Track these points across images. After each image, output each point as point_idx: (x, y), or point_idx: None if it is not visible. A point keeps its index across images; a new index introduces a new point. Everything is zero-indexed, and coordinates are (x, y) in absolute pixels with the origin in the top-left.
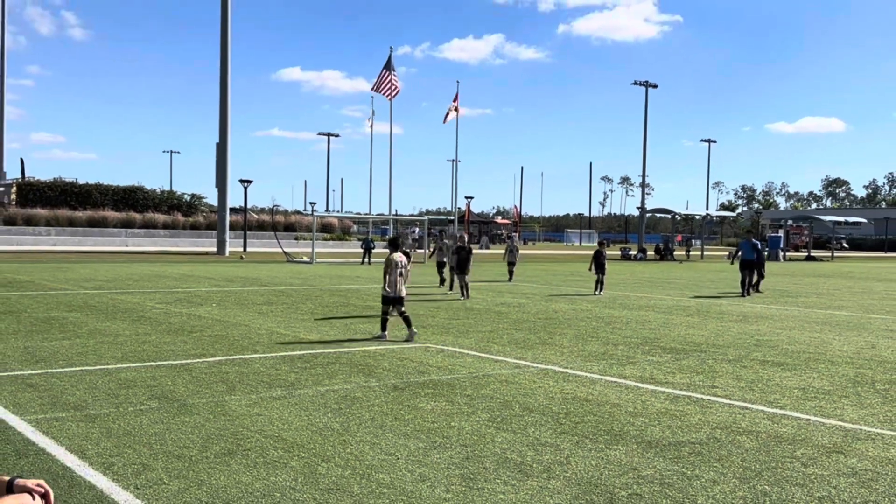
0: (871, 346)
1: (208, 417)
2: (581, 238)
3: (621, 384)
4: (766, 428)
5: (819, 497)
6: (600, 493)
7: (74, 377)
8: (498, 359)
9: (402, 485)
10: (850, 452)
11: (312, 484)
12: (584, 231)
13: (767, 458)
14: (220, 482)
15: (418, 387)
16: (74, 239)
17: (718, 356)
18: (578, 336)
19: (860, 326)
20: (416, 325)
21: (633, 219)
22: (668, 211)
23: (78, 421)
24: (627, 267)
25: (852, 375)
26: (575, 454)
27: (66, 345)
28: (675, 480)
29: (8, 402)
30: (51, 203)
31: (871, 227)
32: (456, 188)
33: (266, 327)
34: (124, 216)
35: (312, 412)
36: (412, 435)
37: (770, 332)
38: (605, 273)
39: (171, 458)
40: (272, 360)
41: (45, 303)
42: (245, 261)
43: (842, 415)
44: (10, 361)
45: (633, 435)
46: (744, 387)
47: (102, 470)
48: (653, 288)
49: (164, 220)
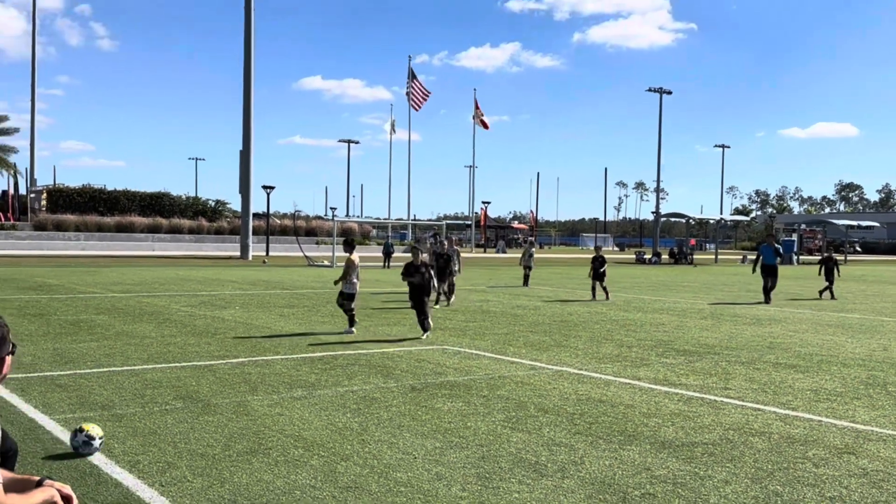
0: (884, 349)
1: (231, 417)
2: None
3: (635, 386)
4: (778, 429)
5: (830, 497)
6: (614, 493)
7: (102, 378)
8: (513, 360)
9: (419, 483)
10: (861, 453)
11: (332, 482)
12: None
13: (779, 458)
14: (242, 480)
15: (435, 388)
16: (102, 244)
17: (731, 358)
18: (593, 338)
19: (872, 329)
20: (435, 328)
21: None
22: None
23: (105, 420)
24: (642, 270)
25: (864, 377)
26: (589, 454)
27: (94, 346)
28: (688, 480)
29: (38, 402)
30: (80, 209)
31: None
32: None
33: (287, 329)
34: (151, 221)
35: (332, 412)
36: (429, 435)
37: (783, 334)
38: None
39: (195, 457)
40: (293, 362)
41: (74, 306)
42: (267, 265)
43: (853, 416)
44: (41, 363)
45: (646, 435)
46: (756, 388)
47: (128, 468)
48: (667, 291)
49: (189, 226)
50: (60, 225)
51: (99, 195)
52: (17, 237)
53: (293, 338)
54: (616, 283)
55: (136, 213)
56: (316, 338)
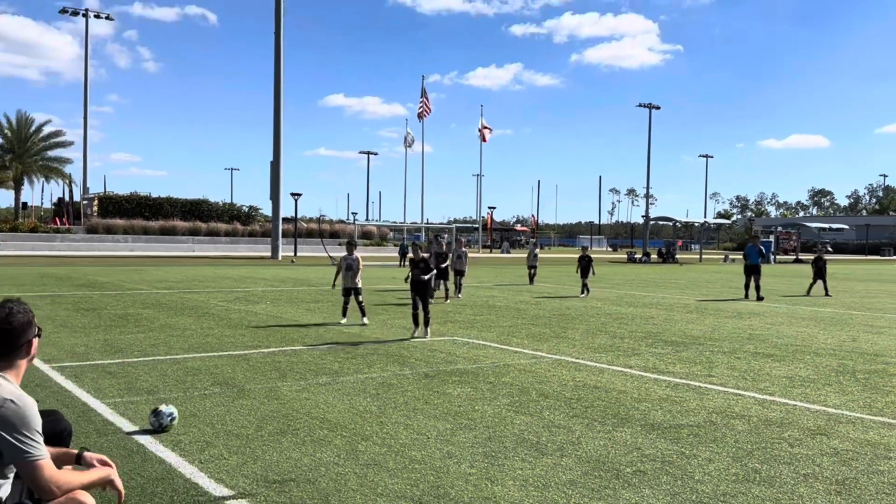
0: (853, 340)
1: (263, 401)
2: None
3: (627, 373)
4: (756, 412)
5: (804, 474)
6: (607, 470)
7: (147, 366)
8: (517, 350)
9: (431, 461)
10: (832, 434)
11: (353, 459)
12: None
13: (758, 439)
14: (273, 458)
15: (446, 375)
16: (148, 245)
17: (714, 348)
18: (589, 331)
19: (842, 322)
20: (446, 321)
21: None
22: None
23: (150, 404)
24: (633, 269)
25: (835, 366)
26: (585, 435)
27: (140, 338)
28: (675, 459)
29: (90, 388)
30: (127, 214)
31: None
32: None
33: (313, 322)
34: (191, 225)
35: (353, 397)
36: (441, 417)
37: (761, 327)
38: (588, 276)
39: (231, 437)
40: (319, 351)
41: (123, 301)
42: (295, 264)
43: (825, 401)
44: (92, 352)
45: (637, 418)
46: (737, 376)
47: (171, 447)
48: (656, 288)
49: (225, 229)
50: (110, 228)
51: (145, 202)
52: (71, 240)
53: (318, 330)
54: (609, 280)
55: (178, 218)
56: (339, 330)
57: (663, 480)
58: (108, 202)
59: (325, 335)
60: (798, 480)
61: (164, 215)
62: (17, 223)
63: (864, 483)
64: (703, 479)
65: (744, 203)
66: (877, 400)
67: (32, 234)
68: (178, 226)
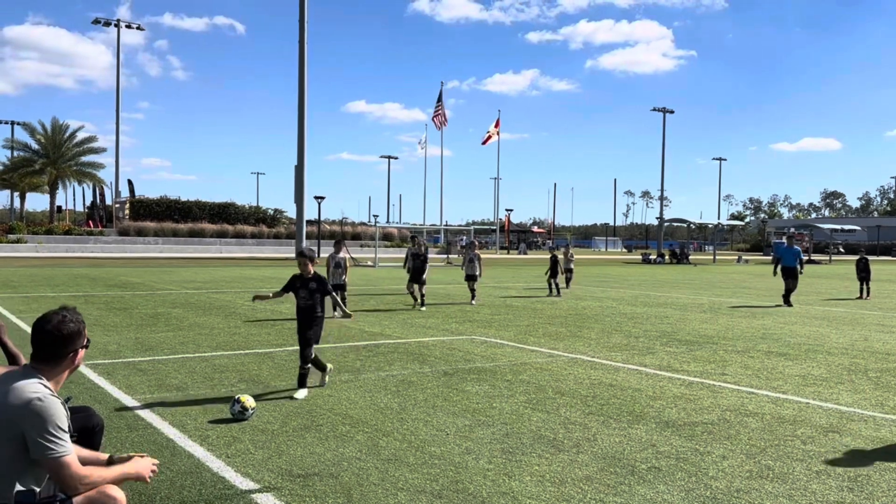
0: (865, 339)
1: (287, 397)
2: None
3: (642, 372)
4: (770, 410)
5: (817, 471)
6: (623, 466)
7: (177, 363)
8: (534, 349)
9: (450, 456)
10: (844, 432)
11: (374, 455)
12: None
13: (771, 436)
14: (297, 452)
15: (465, 373)
16: (177, 247)
17: (728, 347)
18: (604, 330)
19: (854, 321)
20: (465, 321)
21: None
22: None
23: (179, 400)
24: (648, 269)
25: (847, 364)
26: (601, 432)
27: (169, 336)
28: (689, 455)
29: (122, 384)
30: (158, 217)
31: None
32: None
33: (335, 321)
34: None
35: (374, 394)
36: (459, 414)
37: (774, 326)
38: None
39: (256, 432)
40: (341, 350)
41: (153, 301)
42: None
43: (837, 399)
44: (124, 350)
45: (652, 416)
46: (750, 374)
47: (199, 441)
48: (670, 288)
49: (251, 231)
50: (141, 231)
51: (174, 205)
52: (104, 242)
53: (340, 329)
54: (624, 281)
55: (206, 221)
56: (360, 329)
57: (678, 477)
58: (139, 205)
59: (347, 334)
60: (811, 477)
61: (192, 218)
62: (52, 226)
63: (877, 480)
64: (717, 476)
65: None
66: (888, 398)
67: (67, 236)
68: (207, 228)
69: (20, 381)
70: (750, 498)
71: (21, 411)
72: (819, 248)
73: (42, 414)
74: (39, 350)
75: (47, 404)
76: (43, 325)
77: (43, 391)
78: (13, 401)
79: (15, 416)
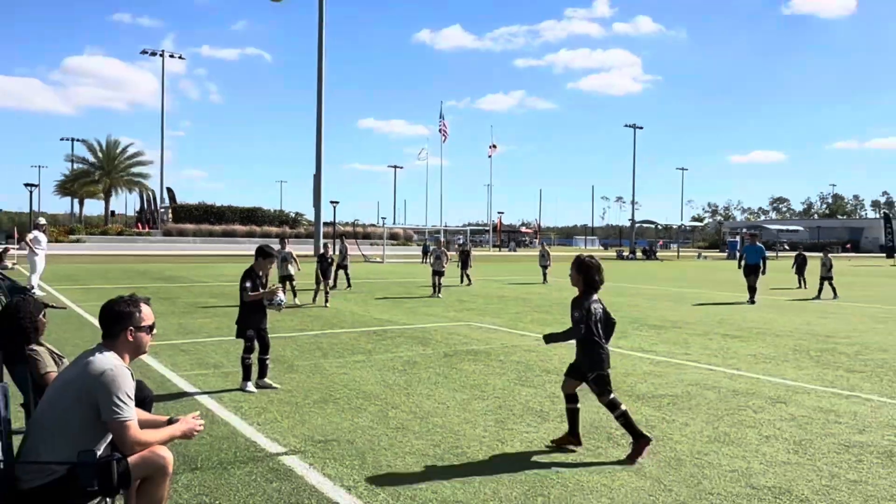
0: (807, 324)
1: (309, 375)
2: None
3: (616, 352)
4: (726, 384)
5: (766, 436)
6: (600, 432)
7: (214, 345)
8: (523, 334)
9: (451, 426)
10: (790, 402)
11: (384, 424)
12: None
13: (727, 406)
14: (317, 421)
15: (463, 354)
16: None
17: (690, 331)
18: None
19: (798, 309)
20: (462, 309)
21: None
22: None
23: (217, 376)
24: (621, 265)
25: (792, 345)
26: (582, 404)
27: (207, 322)
28: (658, 423)
29: (167, 363)
30: (196, 220)
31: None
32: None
33: (350, 310)
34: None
35: (384, 372)
36: (458, 389)
37: (729, 313)
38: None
39: (283, 404)
40: (355, 334)
41: (193, 291)
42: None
43: (784, 374)
44: (169, 334)
45: (625, 390)
46: (709, 354)
47: (234, 411)
48: (640, 281)
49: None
50: (182, 232)
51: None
52: (150, 241)
53: (354, 316)
54: None
55: (237, 223)
56: (371, 316)
57: None
58: (181, 210)
59: (360, 320)
60: (761, 441)
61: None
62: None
63: (818, 444)
64: (680, 440)
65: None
66: (827, 374)
67: (119, 236)
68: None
69: (97, 355)
70: (709, 459)
71: (97, 380)
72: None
73: (114, 382)
74: (102, 328)
75: (118, 374)
76: (104, 305)
77: (115, 363)
78: (91, 371)
79: (92, 384)
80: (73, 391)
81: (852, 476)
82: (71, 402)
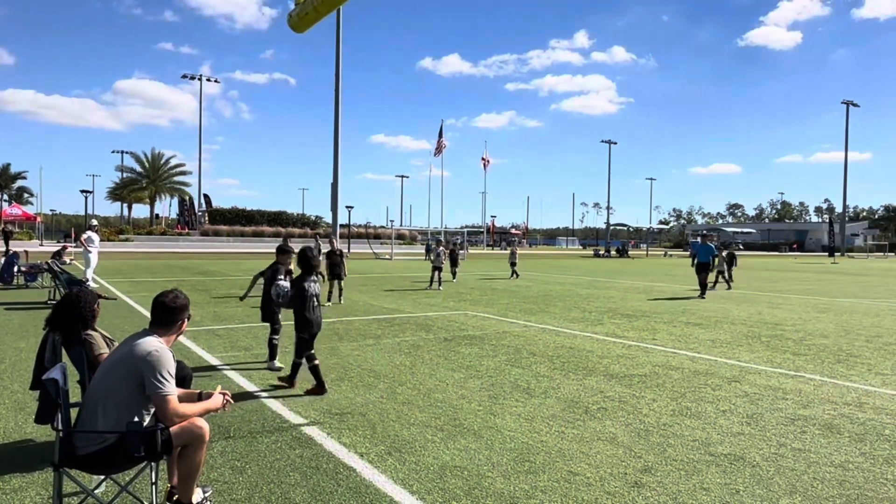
0: (759, 313)
1: (326, 356)
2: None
3: (593, 337)
4: (688, 366)
5: (723, 410)
6: (579, 407)
7: (244, 330)
8: (512, 321)
9: (449, 401)
10: (744, 381)
11: (393, 399)
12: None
13: (689, 385)
14: (334, 397)
15: (460, 339)
16: (244, 245)
17: (657, 319)
18: (565, 306)
19: (751, 300)
20: (460, 300)
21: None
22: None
23: (247, 357)
24: (598, 262)
25: (746, 332)
26: (563, 382)
27: (239, 310)
28: (629, 399)
29: (204, 346)
30: (229, 222)
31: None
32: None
33: (362, 300)
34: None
35: (392, 354)
36: (456, 369)
37: (691, 304)
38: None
39: (304, 382)
40: (366, 321)
41: (226, 284)
42: (348, 258)
43: (738, 357)
44: (205, 321)
45: (600, 370)
46: (674, 339)
47: (263, 387)
48: (614, 276)
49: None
50: (217, 232)
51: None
52: (190, 240)
53: (366, 306)
54: (580, 269)
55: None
56: (381, 305)
57: (619, 415)
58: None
59: (371, 309)
60: (719, 415)
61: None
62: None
63: (768, 417)
64: (648, 414)
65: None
66: (776, 356)
67: (162, 236)
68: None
69: (144, 338)
70: (673, 430)
71: (143, 359)
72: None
73: (158, 361)
74: (157, 317)
75: (161, 354)
76: (161, 298)
77: (159, 345)
78: (138, 352)
79: (139, 362)
80: (121, 369)
81: (797, 445)
82: (120, 379)
